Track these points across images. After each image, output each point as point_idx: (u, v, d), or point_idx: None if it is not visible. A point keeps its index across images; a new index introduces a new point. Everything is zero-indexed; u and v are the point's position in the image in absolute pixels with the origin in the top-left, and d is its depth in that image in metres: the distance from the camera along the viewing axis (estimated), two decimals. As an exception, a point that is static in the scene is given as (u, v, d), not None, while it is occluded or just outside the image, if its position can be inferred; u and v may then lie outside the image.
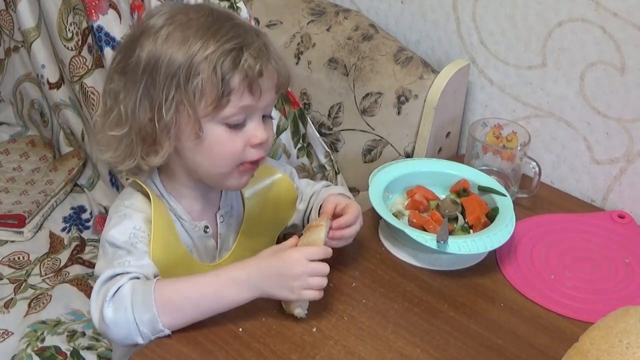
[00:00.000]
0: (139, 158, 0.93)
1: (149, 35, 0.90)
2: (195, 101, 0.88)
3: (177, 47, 0.88)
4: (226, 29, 0.90)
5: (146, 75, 0.89)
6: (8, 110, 1.91)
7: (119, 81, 0.92)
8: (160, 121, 0.89)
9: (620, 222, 1.18)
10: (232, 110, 0.90)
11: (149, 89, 0.89)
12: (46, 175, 1.69)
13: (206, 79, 0.87)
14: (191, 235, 1.01)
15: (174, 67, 0.88)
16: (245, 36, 0.91)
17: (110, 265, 0.91)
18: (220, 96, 0.88)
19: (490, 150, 1.20)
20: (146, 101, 0.90)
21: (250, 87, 0.90)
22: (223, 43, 0.88)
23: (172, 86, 0.88)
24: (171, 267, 0.94)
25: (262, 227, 1.09)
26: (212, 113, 0.89)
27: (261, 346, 0.89)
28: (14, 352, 1.24)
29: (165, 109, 0.88)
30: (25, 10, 1.64)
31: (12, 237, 1.53)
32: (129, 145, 0.93)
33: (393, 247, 1.08)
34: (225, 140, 0.91)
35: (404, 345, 0.91)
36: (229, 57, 0.88)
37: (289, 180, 1.11)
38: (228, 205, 1.05)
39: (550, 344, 0.93)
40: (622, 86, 1.15)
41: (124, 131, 0.92)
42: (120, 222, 0.94)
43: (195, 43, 0.88)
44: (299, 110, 1.32)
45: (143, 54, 0.89)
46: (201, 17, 0.91)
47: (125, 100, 0.91)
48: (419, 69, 1.28)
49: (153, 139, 0.92)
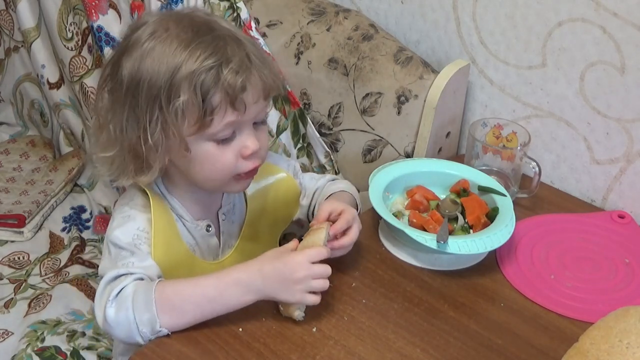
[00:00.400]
0: (133, 175, 0.93)
1: (130, 53, 0.89)
2: (178, 122, 0.88)
3: (157, 67, 0.87)
4: (205, 44, 0.88)
5: (129, 96, 0.89)
6: (8, 110, 1.91)
7: (107, 100, 0.93)
8: (147, 142, 0.89)
9: (620, 222, 1.18)
10: (217, 127, 0.89)
11: (134, 110, 0.89)
12: (46, 175, 1.69)
13: (187, 99, 0.86)
14: (193, 235, 1.01)
15: (155, 89, 0.87)
16: (225, 50, 0.89)
17: (114, 265, 0.91)
18: (203, 116, 0.87)
19: (490, 150, 1.20)
20: (133, 121, 0.90)
21: (232, 104, 0.88)
22: (202, 61, 0.87)
23: (155, 107, 0.88)
24: (173, 266, 0.95)
25: (264, 226, 1.09)
26: (197, 132, 0.89)
27: (261, 346, 0.89)
28: (14, 352, 1.24)
29: (151, 130, 0.88)
30: (25, 10, 1.64)
31: (12, 237, 1.54)
32: (122, 164, 0.93)
33: (393, 247, 1.08)
34: (215, 155, 0.91)
35: (404, 345, 0.91)
36: (208, 76, 0.87)
37: (292, 178, 1.12)
38: (230, 203, 1.05)
39: (550, 344, 0.93)
40: (622, 86, 1.15)
41: (115, 151, 0.92)
42: (124, 223, 0.94)
43: (174, 61, 0.87)
44: (299, 110, 1.32)
45: (125, 73, 0.89)
46: (181, 32, 0.89)
47: (114, 120, 0.91)
48: (419, 69, 1.28)
49: (144, 157, 0.91)
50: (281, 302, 0.92)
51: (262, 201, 1.08)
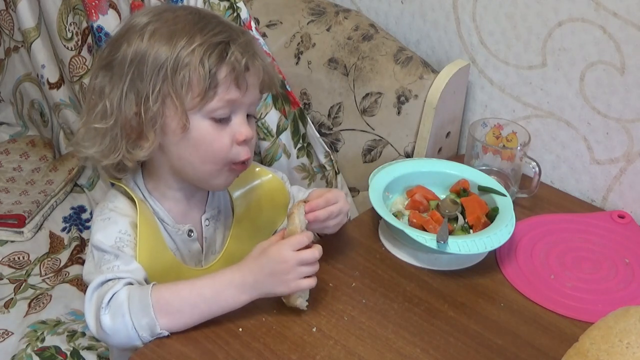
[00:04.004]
0: (124, 152, 0.92)
1: (135, 32, 0.91)
2: (182, 93, 0.89)
3: (165, 41, 0.89)
4: (213, 24, 0.91)
5: (133, 68, 0.89)
6: (8, 110, 1.91)
7: (104, 77, 0.92)
8: (147, 113, 0.89)
9: (620, 222, 1.18)
10: (218, 103, 0.90)
11: (135, 82, 0.89)
12: (46, 175, 1.69)
13: (193, 70, 0.88)
14: (174, 239, 1.00)
15: (161, 60, 0.88)
16: (232, 32, 0.92)
17: (99, 270, 0.90)
18: (207, 88, 0.89)
19: (490, 150, 1.20)
20: (132, 94, 0.90)
21: (236, 81, 0.90)
22: (210, 37, 0.89)
23: (159, 78, 0.88)
24: (158, 272, 0.93)
25: (253, 230, 1.07)
26: (198, 105, 0.89)
27: (261, 346, 0.89)
28: (14, 352, 1.24)
29: (152, 100, 0.89)
30: (25, 10, 1.64)
31: (12, 237, 1.54)
32: (114, 139, 0.92)
33: (393, 247, 1.08)
34: (211, 135, 0.91)
35: (404, 345, 0.91)
36: (216, 50, 0.89)
37: (279, 180, 1.11)
38: (215, 208, 1.04)
39: (550, 344, 0.93)
40: (622, 86, 1.15)
41: (109, 124, 0.91)
42: (106, 227, 0.93)
43: (183, 37, 0.89)
44: (299, 110, 1.32)
45: (130, 49, 0.90)
46: (188, 14, 0.93)
47: (111, 94, 0.91)
48: (419, 69, 1.28)
49: (138, 133, 0.92)
50: (281, 295, 0.92)
51: (249, 204, 1.07)
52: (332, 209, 0.98)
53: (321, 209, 0.97)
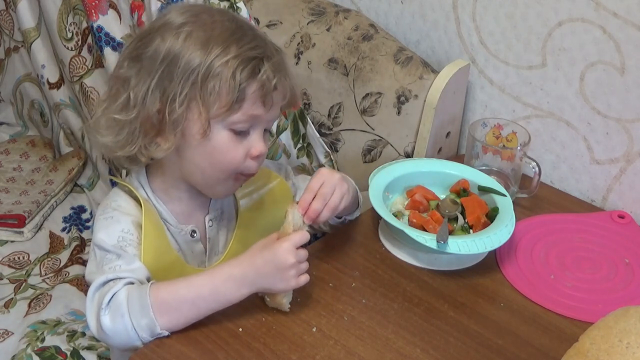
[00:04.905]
0: (141, 147, 0.92)
1: (171, 29, 0.90)
2: (209, 101, 0.89)
3: (200, 46, 0.89)
4: (249, 37, 0.91)
5: (164, 66, 0.89)
6: (8, 110, 1.91)
7: (131, 68, 0.92)
8: (171, 114, 0.89)
9: (620, 222, 1.18)
10: (241, 117, 0.90)
11: (163, 80, 0.89)
12: (46, 175, 1.69)
13: (224, 82, 0.88)
14: (177, 239, 1.00)
15: (194, 65, 0.88)
16: (266, 48, 0.92)
17: (101, 270, 0.90)
18: (234, 101, 0.89)
19: (490, 150, 1.20)
20: (158, 91, 0.90)
21: (263, 98, 0.91)
22: (246, 50, 0.89)
23: (189, 82, 0.88)
24: (162, 272, 0.93)
25: (256, 232, 1.06)
26: (222, 115, 0.90)
27: (261, 346, 0.89)
28: (14, 352, 1.24)
29: (178, 103, 0.89)
30: (25, 10, 1.64)
31: (12, 237, 1.54)
32: (132, 133, 0.92)
33: (393, 247, 1.08)
34: (228, 146, 0.92)
35: (404, 345, 0.91)
36: (249, 65, 0.89)
37: (284, 183, 1.11)
38: (218, 209, 1.04)
39: (550, 344, 0.93)
40: (622, 86, 1.15)
41: (130, 117, 0.91)
42: (108, 226, 0.93)
43: (218, 45, 0.89)
44: (299, 110, 1.32)
45: (163, 46, 0.90)
46: (226, 21, 0.92)
47: (137, 87, 0.91)
48: (419, 69, 1.28)
49: (157, 131, 0.91)
50: (267, 294, 0.92)
51: (254, 206, 1.07)
52: (323, 192, 0.95)
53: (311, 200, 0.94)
